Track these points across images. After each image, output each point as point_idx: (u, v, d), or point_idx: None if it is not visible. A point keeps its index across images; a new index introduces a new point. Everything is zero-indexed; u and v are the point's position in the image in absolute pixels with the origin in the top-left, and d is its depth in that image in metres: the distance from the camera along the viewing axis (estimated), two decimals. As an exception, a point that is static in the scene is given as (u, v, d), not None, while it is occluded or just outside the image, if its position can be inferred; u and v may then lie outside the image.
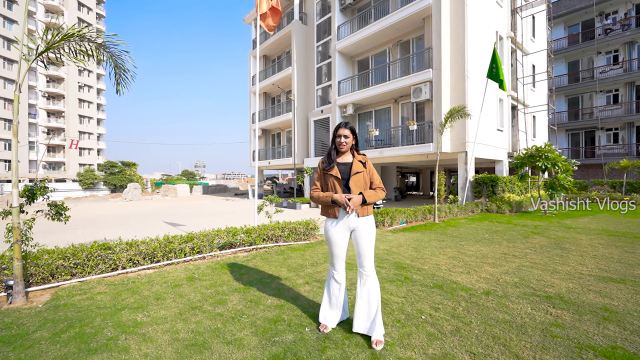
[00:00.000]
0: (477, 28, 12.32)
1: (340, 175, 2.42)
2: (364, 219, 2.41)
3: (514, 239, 6.19)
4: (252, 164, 23.23)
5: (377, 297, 2.38)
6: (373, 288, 2.39)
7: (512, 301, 3.08)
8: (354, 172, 2.40)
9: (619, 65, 21.32)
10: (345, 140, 2.44)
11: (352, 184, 2.39)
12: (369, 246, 2.40)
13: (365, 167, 2.45)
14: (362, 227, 2.40)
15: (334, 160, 2.48)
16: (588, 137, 22.74)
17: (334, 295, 2.54)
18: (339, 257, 2.48)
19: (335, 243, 2.44)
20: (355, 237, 2.42)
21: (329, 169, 2.45)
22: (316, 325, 2.59)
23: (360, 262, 2.44)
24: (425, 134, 12.43)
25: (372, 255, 2.42)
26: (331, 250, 2.50)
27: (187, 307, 3.00)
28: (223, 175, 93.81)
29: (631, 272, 3.97)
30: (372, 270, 2.43)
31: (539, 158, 9.99)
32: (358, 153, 2.54)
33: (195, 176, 57.33)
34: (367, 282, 2.40)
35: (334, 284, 2.55)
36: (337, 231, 2.42)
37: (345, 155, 2.51)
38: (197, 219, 10.62)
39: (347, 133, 2.44)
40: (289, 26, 19.31)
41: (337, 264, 2.51)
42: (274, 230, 5.60)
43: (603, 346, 2.26)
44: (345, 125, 2.45)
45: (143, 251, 4.24)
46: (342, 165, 2.46)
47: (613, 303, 3.02)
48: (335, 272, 2.53)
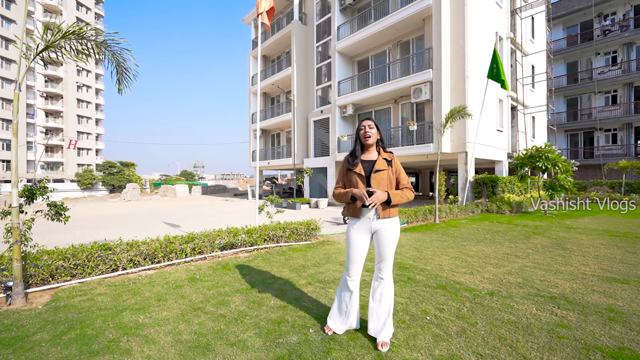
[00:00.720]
0: (476, 28, 12.33)
1: (363, 173, 2.29)
2: (387, 221, 2.28)
3: (515, 239, 6.18)
4: (251, 164, 23.19)
5: (390, 300, 2.32)
6: (387, 291, 2.32)
7: (517, 302, 3.06)
8: (375, 169, 2.28)
9: (618, 66, 21.39)
10: (370, 131, 2.31)
11: (373, 183, 2.25)
12: (389, 250, 2.28)
13: (390, 166, 2.31)
14: (384, 229, 2.27)
15: (359, 156, 2.35)
16: (587, 137, 22.80)
17: (345, 302, 2.42)
18: (356, 262, 2.34)
19: (354, 245, 2.32)
20: (376, 239, 2.31)
21: (352, 167, 2.33)
22: (321, 326, 2.56)
23: (378, 265, 2.34)
24: (425, 135, 12.42)
25: (391, 259, 2.32)
26: (348, 253, 2.36)
27: (189, 308, 2.96)
28: (222, 176, 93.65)
29: (634, 273, 3.96)
30: (389, 275, 2.34)
31: (539, 158, 9.99)
32: (385, 150, 2.41)
33: (194, 176, 57.22)
34: (382, 284, 2.33)
35: (346, 291, 2.41)
36: (357, 232, 2.31)
37: (370, 152, 2.38)
38: (196, 219, 10.58)
39: (370, 123, 2.34)
40: (288, 26, 19.29)
41: (352, 270, 2.35)
42: (275, 231, 5.57)
43: (610, 347, 2.25)
44: (368, 118, 2.38)
45: (144, 252, 4.20)
46: (365, 163, 2.34)
47: (618, 303, 3.01)
48: (349, 279, 2.38)
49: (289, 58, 19.97)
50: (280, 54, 22.43)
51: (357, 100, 15.01)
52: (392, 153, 2.39)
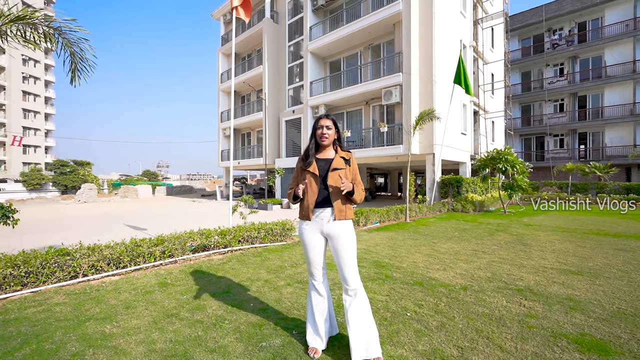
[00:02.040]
0: (443, 36, 12.91)
1: (317, 172, 2.16)
2: (340, 224, 2.13)
3: (481, 236, 6.53)
4: (220, 164, 22.49)
5: (368, 314, 2.09)
6: (363, 306, 2.09)
7: (488, 295, 3.22)
8: (333, 167, 2.15)
9: (564, 77, 23.47)
10: (328, 132, 2.19)
11: (330, 182, 2.13)
12: (349, 255, 2.10)
13: (348, 165, 2.20)
14: (338, 233, 2.11)
15: (313, 155, 2.23)
16: (538, 142, 24.75)
17: (319, 311, 2.22)
18: (315, 263, 2.20)
19: (310, 247, 2.18)
20: (332, 246, 2.14)
21: (306, 166, 2.20)
22: (303, 327, 2.51)
23: (342, 276, 2.12)
24: (396, 136, 12.79)
25: (354, 266, 2.12)
26: (307, 256, 2.22)
27: (162, 315, 2.78)
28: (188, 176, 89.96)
29: (586, 265, 4.34)
30: (358, 284, 2.11)
31: (499, 160, 10.67)
32: (342, 149, 2.28)
33: (158, 177, 54.38)
34: (355, 299, 2.10)
35: (316, 297, 2.23)
36: (311, 233, 2.18)
37: (327, 151, 2.26)
38: (162, 220, 10.04)
39: (329, 123, 2.20)
40: (260, 24, 18.98)
41: (315, 273, 2.22)
42: (249, 232, 5.43)
43: (573, 334, 2.43)
44: (327, 116, 2.23)
45: (107, 256, 3.89)
46: (321, 162, 2.21)
47: (575, 293, 3.27)
48: (315, 282, 2.24)
49: (260, 56, 19.65)
50: (251, 52, 22.00)
51: (329, 101, 15.11)
52: (350, 152, 2.29)
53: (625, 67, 20.51)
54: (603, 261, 4.52)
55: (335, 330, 2.38)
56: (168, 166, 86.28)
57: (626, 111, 20.27)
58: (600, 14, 21.93)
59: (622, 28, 20.77)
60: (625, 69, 20.51)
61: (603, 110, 21.21)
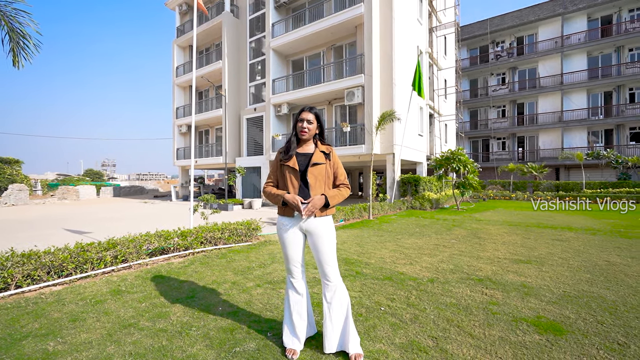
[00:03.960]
0: (402, 40, 13.47)
1: (297, 167, 2.09)
2: (321, 220, 2.07)
3: (440, 231, 6.89)
4: (176, 162, 21.22)
5: (347, 306, 2.09)
6: (342, 299, 2.09)
7: (454, 286, 3.38)
8: (312, 162, 2.08)
9: (506, 86, 25.82)
10: (309, 126, 2.11)
11: (310, 178, 2.06)
12: (329, 251, 2.08)
13: (328, 159, 2.13)
14: (318, 229, 2.06)
15: (293, 149, 2.15)
16: (484, 144, 26.95)
17: (296, 311, 2.16)
18: (294, 260, 2.13)
19: (289, 244, 2.11)
20: (312, 243, 2.10)
21: (286, 160, 2.12)
22: (278, 329, 2.41)
23: (322, 271, 2.11)
24: (358, 136, 13.05)
25: (334, 261, 2.10)
26: (285, 254, 2.15)
27: (118, 326, 2.50)
28: (138, 176, 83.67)
29: (533, 254, 4.77)
30: (338, 279, 2.11)
31: (453, 160, 11.38)
32: (323, 144, 2.21)
33: (103, 176, 49.89)
34: (336, 295, 2.09)
35: (294, 295, 2.17)
36: (289, 230, 2.10)
37: (307, 145, 2.18)
38: (111, 224, 9.16)
39: (311, 117, 2.12)
40: (219, 17, 18.23)
41: (294, 270, 2.15)
42: (213, 232, 5.14)
43: (531, 317, 2.62)
44: (310, 110, 2.15)
45: (47, 264, 3.42)
46: (301, 156, 2.13)
47: (528, 280, 3.56)
48: (293, 280, 2.17)
49: (219, 51, 18.87)
50: (209, 46, 21.07)
51: (292, 99, 14.98)
52: (330, 146, 2.22)
53: (554, 79, 23.13)
54: (546, 250, 5.00)
55: (314, 330, 2.31)
56: (114, 165, 79.59)
57: (555, 118, 22.87)
58: (534, 30, 24.48)
59: (552, 44, 23.40)
60: (554, 81, 23.13)
61: (537, 116, 23.71)
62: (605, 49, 21.99)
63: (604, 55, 22.22)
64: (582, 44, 22.11)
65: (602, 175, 20.57)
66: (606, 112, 21.95)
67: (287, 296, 2.21)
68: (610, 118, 21.33)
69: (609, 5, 21.70)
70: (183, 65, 20.89)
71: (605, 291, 3.21)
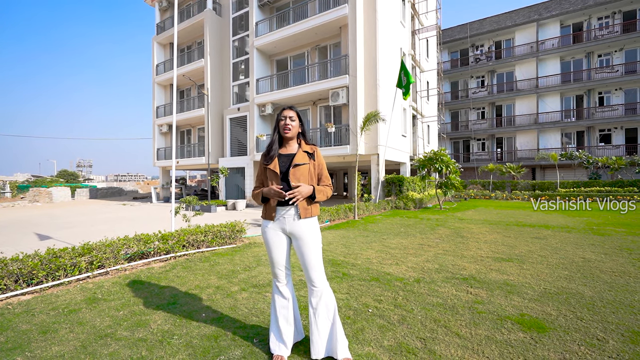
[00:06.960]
0: (386, 42, 13.61)
1: (278, 170, 2.02)
2: (305, 222, 2.01)
3: (424, 231, 6.98)
4: (156, 163, 20.59)
5: (333, 311, 2.04)
6: (329, 304, 2.04)
7: (439, 285, 3.41)
8: (294, 164, 2.01)
9: (485, 89, 26.60)
10: (292, 123, 2.06)
11: (292, 179, 2.00)
12: (314, 255, 2.02)
13: (312, 159, 2.08)
14: (303, 232, 2.01)
15: (276, 150, 2.09)
16: (465, 145, 27.65)
17: (283, 315, 2.10)
18: (279, 263, 2.08)
19: (273, 247, 2.07)
20: (297, 247, 2.04)
21: (267, 162, 2.07)
22: (265, 334, 2.34)
23: (308, 276, 2.05)
24: (343, 136, 13.08)
25: (320, 265, 2.04)
26: (270, 257, 2.10)
27: (93, 337, 2.36)
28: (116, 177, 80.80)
29: (513, 252, 4.89)
30: (324, 284, 2.05)
31: (436, 161, 11.59)
32: (307, 143, 2.16)
33: (78, 177, 47.87)
34: (322, 300, 2.02)
35: (280, 300, 2.12)
36: (274, 232, 2.06)
37: (290, 145, 2.12)
38: (87, 228, 8.76)
39: (292, 114, 2.08)
40: (201, 14, 17.84)
41: (279, 274, 2.11)
42: (195, 235, 4.99)
43: (515, 315, 2.67)
44: (290, 108, 2.11)
45: (15, 272, 3.20)
46: (284, 157, 2.07)
47: (510, 278, 3.64)
48: (279, 284, 2.12)
49: (201, 49, 18.47)
50: (191, 44, 20.59)
51: (276, 99, 14.85)
52: (315, 145, 2.17)
53: (530, 83, 24.04)
54: (526, 248, 5.15)
55: (302, 335, 2.26)
56: (91, 166, 76.54)
57: (531, 120, 23.76)
58: (511, 35, 25.36)
59: (528, 49, 24.31)
60: (530, 84, 24.03)
61: (515, 118, 24.56)
62: (576, 55, 23.06)
63: (576, 60, 23.29)
64: (556, 49, 23.09)
65: (575, 175, 21.54)
66: (578, 114, 23.00)
67: (273, 301, 2.16)
68: (581, 120, 22.37)
69: (580, 12, 22.76)
70: (164, 63, 20.31)
71: (582, 287, 3.32)
